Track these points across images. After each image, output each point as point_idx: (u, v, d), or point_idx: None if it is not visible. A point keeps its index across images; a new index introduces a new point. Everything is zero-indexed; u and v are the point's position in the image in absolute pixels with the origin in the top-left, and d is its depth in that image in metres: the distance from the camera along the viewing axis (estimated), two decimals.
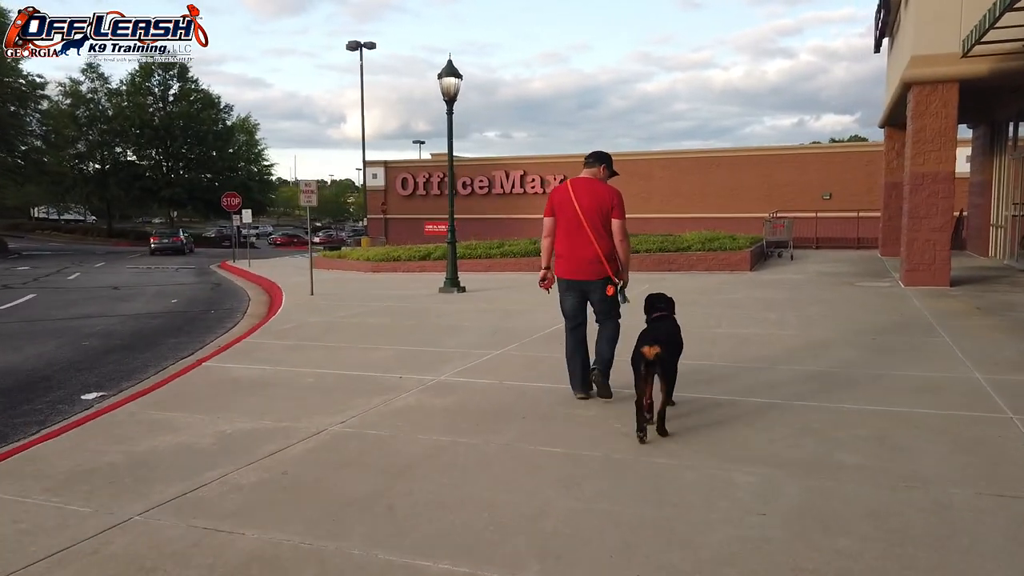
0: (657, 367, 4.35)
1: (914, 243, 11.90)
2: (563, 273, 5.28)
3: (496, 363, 6.83)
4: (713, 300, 10.86)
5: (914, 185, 11.84)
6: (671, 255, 16.33)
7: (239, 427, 4.87)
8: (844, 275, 14.15)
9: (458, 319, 9.78)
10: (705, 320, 8.89)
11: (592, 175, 5.28)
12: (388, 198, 42.17)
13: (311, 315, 10.61)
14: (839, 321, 8.67)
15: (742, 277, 14.44)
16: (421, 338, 8.33)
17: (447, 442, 4.45)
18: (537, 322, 9.14)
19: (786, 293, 11.55)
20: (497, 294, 12.73)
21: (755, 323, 8.66)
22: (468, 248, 18.80)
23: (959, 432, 4.42)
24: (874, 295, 11.09)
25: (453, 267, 13.12)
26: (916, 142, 11.77)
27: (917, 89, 11.70)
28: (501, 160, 39.86)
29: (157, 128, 55.30)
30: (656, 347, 4.33)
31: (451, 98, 12.86)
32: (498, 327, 8.95)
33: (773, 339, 7.62)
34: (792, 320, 8.80)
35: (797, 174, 31.32)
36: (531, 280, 15.82)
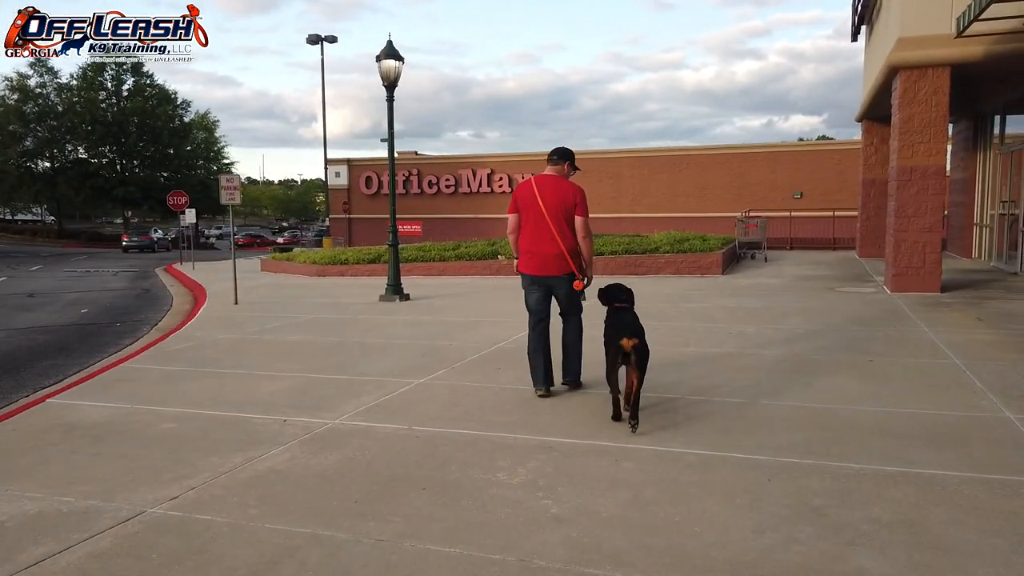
0: (633, 356, 4.48)
1: (902, 245, 10.81)
2: (527, 269, 5.32)
3: (414, 398, 5.51)
4: (682, 310, 9.64)
5: (901, 181, 10.75)
6: (638, 257, 15.14)
7: (21, 508, 3.49)
8: (823, 279, 13.05)
9: (389, 335, 8.45)
10: (672, 336, 7.66)
11: (556, 172, 5.32)
12: (351, 197, 40.67)
13: (222, 330, 9.19)
14: (826, 338, 7.48)
15: (714, 282, 13.28)
16: (336, 361, 6.99)
17: (303, 539, 3.12)
18: (481, 338, 7.85)
19: (762, 301, 10.38)
20: (444, 303, 11.40)
21: (730, 340, 7.43)
22: (421, 250, 17.44)
23: (1010, 509, 3.20)
24: (860, 303, 9.95)
25: (395, 273, 11.76)
26: (903, 133, 10.68)
27: (904, 74, 10.60)
28: (468, 158, 38.60)
29: (109, 124, 53.00)
30: (635, 339, 4.50)
31: (391, 83, 11.50)
32: (432, 346, 7.63)
33: (752, 362, 6.39)
34: (772, 336, 7.60)
35: (768, 173, 30.72)
36: (487, 285, 14.76)
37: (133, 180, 53.82)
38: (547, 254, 5.17)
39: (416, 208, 38.54)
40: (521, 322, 6.44)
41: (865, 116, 16.66)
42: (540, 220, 5.15)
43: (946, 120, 10.57)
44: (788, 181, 30.28)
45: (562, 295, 5.32)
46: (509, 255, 16.08)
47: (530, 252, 5.26)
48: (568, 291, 5.25)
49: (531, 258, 5.26)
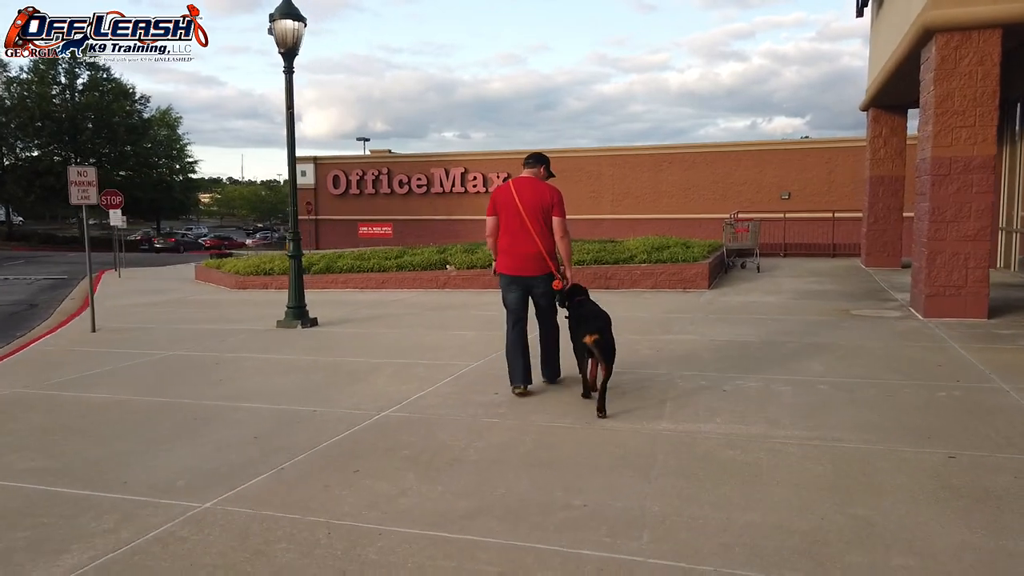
0: (596, 350, 4.84)
1: (937, 257, 8.47)
2: (505, 269, 5.37)
3: (155, 556, 3.04)
4: (659, 348, 7.24)
5: (938, 176, 8.41)
6: (610, 268, 12.74)
7: None
8: (831, 297, 10.71)
9: (241, 390, 5.98)
10: (643, 399, 5.25)
11: (533, 175, 5.43)
12: (318, 197, 38.16)
13: (24, 376, 6.67)
14: (871, 406, 5.10)
15: (699, 299, 10.90)
16: (110, 452, 4.50)
17: None
18: (367, 398, 5.41)
19: (763, 330, 8.01)
20: (356, 331, 8.94)
21: (726, 418, 5.02)
22: (359, 259, 14.94)
23: None
24: (890, 336, 7.60)
25: (297, 292, 9.27)
26: (941, 115, 8.35)
27: (942, 39, 8.27)
28: (440, 156, 36.24)
29: (61, 121, 49.96)
30: (595, 335, 4.84)
31: (289, 49, 9.03)
32: (286, 415, 5.18)
33: (780, 480, 3.99)
34: (790, 401, 5.20)
35: (755, 172, 28.82)
36: (427, 304, 11.86)
37: None
38: (526, 254, 5.24)
39: (386, 209, 36.31)
40: (439, 368, 6.13)
41: (873, 104, 14.35)
42: (519, 221, 5.24)
43: (996, 97, 8.24)
44: (775, 181, 28.54)
45: (540, 295, 5.40)
46: (459, 265, 13.64)
47: (509, 252, 5.30)
48: (546, 291, 5.36)
49: (510, 258, 5.31)
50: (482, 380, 5.97)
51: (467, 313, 10.12)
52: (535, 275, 5.30)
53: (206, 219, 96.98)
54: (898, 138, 14.36)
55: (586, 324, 4.90)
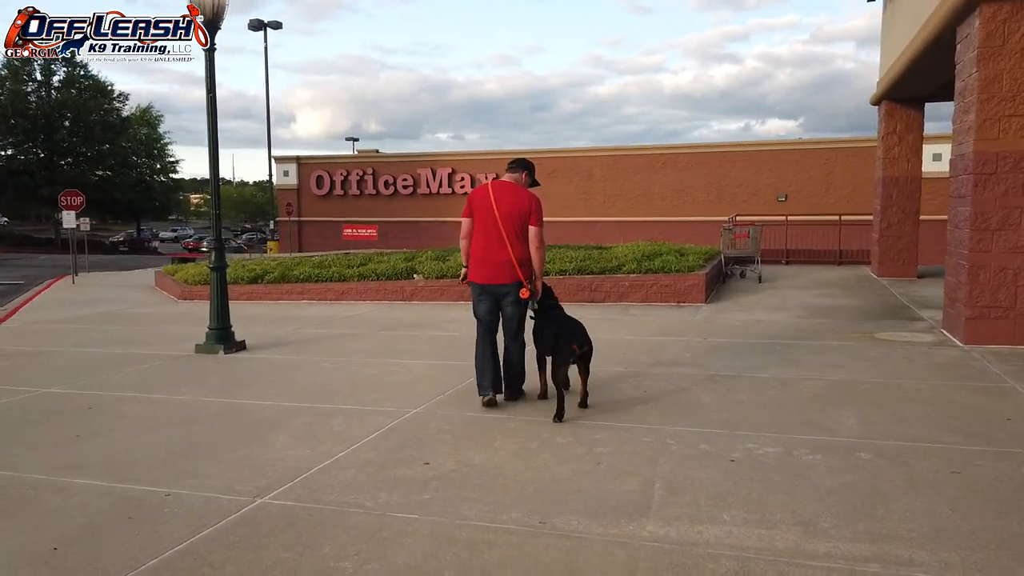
0: (580, 361, 4.98)
1: (980, 272, 7.08)
2: (477, 277, 5.19)
3: None
4: (644, 389, 5.82)
5: (981, 175, 7.03)
6: (595, 279, 11.33)
7: None
8: (847, 314, 9.33)
9: (96, 454, 4.52)
10: (623, 504, 3.83)
11: (514, 180, 5.25)
12: (301, 198, 36.74)
13: None
14: (933, 491, 3.71)
15: (695, 316, 9.50)
16: None
17: None
18: (263, 469, 3.98)
19: (771, 361, 6.60)
20: (292, 357, 7.50)
21: (739, 514, 3.60)
22: (319, 267, 13.48)
23: None
24: (930, 370, 6.20)
25: (219, 311, 7.80)
26: (986, 101, 6.96)
27: (989, 11, 6.89)
28: (427, 156, 34.88)
29: (35, 118, 48.27)
30: (586, 346, 4.97)
31: (211, 20, 7.56)
32: (125, 504, 3.73)
33: None
34: (826, 488, 3.79)
35: (750, 173, 27.67)
36: (384, 320, 9.87)
37: (60, 179, 49.00)
38: (498, 262, 5.08)
39: (372, 211, 34.96)
40: (365, 419, 5.13)
41: (886, 96, 12.99)
42: (493, 226, 5.07)
43: None
44: (772, 182, 27.42)
45: (509, 304, 5.19)
46: (427, 274, 12.20)
47: (481, 259, 5.13)
48: (515, 299, 5.15)
49: (481, 266, 5.14)
50: (414, 440, 4.55)
51: (424, 335, 8.69)
52: (506, 283, 5.10)
53: (195, 220, 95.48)
54: (914, 135, 13.01)
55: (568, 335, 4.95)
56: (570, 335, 4.93)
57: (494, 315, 5.27)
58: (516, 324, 5.26)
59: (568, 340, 4.90)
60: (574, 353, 4.89)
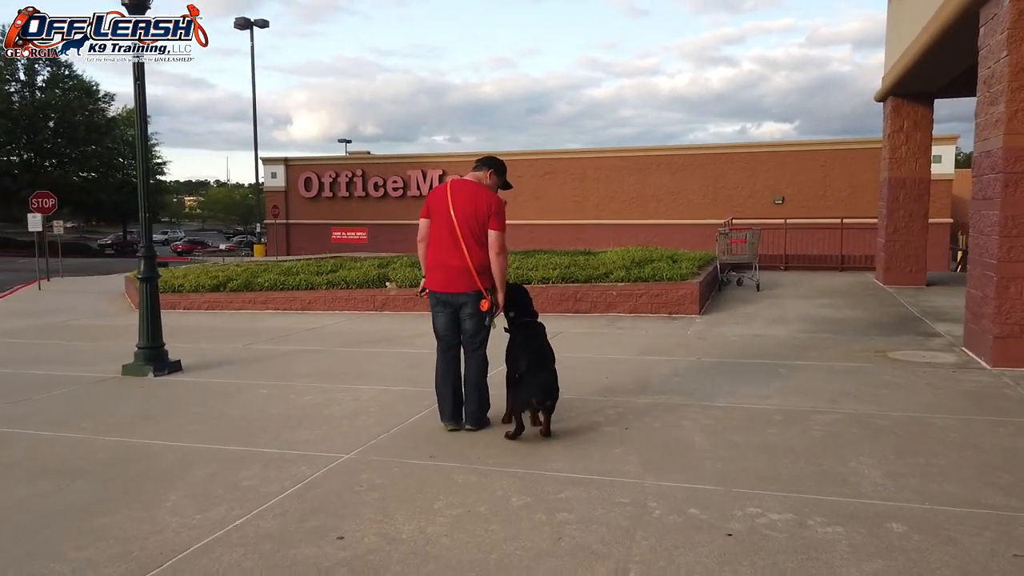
0: (541, 411, 4.45)
1: (1011, 285, 6.23)
2: (433, 285, 4.71)
3: None
4: (625, 425, 4.93)
5: (1012, 173, 6.18)
6: (580, 288, 10.46)
7: None
8: (855, 328, 8.46)
9: None
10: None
11: (476, 179, 4.76)
12: (289, 201, 35.92)
13: None
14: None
15: (688, 331, 8.63)
16: None
17: None
18: (113, 562, 3.05)
19: (776, 392, 5.73)
20: (230, 380, 6.60)
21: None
22: (285, 274, 12.58)
23: None
24: (959, 400, 5.34)
25: (149, 328, 6.88)
26: (1017, 89, 6.11)
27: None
28: (417, 158, 34.13)
29: (18, 119, 47.25)
30: (548, 402, 4.42)
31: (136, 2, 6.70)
32: None
33: None
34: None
35: (747, 176, 26.98)
36: (350, 334, 8.72)
37: (43, 181, 47.93)
38: (453, 267, 4.58)
39: (361, 213, 34.24)
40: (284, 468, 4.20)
41: (892, 92, 12.16)
42: (449, 228, 4.59)
43: None
44: (768, 184, 26.74)
45: (467, 316, 4.67)
46: (400, 282, 11.32)
47: (436, 264, 4.66)
48: (473, 311, 4.63)
49: (437, 272, 4.66)
50: (334, 501, 3.66)
51: (388, 352, 7.80)
52: (463, 291, 4.61)
53: (188, 222, 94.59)
54: (922, 133, 12.17)
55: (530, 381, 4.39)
56: (531, 383, 4.39)
57: (453, 330, 4.74)
58: (477, 340, 4.70)
59: (528, 390, 4.40)
60: (532, 406, 4.44)
